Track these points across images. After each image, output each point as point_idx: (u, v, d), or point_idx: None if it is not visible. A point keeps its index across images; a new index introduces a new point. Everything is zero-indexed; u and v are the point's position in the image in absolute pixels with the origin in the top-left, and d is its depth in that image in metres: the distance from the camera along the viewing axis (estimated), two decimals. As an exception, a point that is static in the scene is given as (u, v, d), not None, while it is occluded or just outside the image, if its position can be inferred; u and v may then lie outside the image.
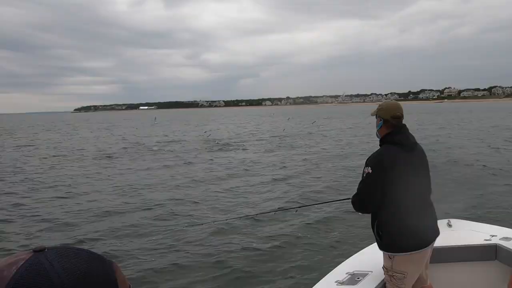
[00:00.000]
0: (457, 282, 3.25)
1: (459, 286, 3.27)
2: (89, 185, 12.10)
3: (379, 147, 2.65)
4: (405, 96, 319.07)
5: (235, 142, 24.62)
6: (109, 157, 18.98)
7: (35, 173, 14.79)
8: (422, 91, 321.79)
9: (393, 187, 2.46)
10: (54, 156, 20.15)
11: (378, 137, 2.68)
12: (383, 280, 2.71)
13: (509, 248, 3.12)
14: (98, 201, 9.83)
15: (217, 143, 24.07)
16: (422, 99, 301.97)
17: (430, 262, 2.78)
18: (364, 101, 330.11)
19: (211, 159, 17.12)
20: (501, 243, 3.21)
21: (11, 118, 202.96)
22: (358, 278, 2.87)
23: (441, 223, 3.31)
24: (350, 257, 3.33)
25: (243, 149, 21.17)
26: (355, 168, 12.43)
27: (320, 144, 22.55)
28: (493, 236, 3.36)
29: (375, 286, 2.76)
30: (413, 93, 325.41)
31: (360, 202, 2.61)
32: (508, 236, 3.33)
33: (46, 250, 0.65)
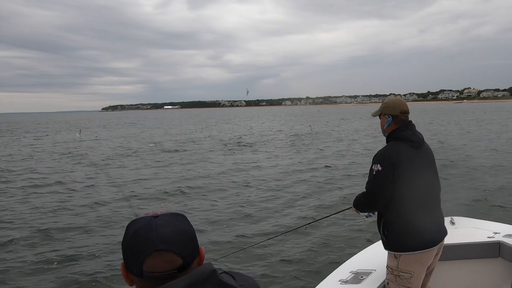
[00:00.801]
0: (461, 280, 3.19)
1: (463, 284, 3.20)
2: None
3: (385, 144, 2.60)
4: (424, 97, 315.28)
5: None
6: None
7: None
8: (442, 91, 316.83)
9: (401, 185, 2.39)
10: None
11: (384, 135, 2.63)
12: (386, 279, 2.62)
13: None
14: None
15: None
16: (441, 99, 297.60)
17: None
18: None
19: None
20: (504, 240, 3.14)
21: (46, 116, 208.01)
22: (361, 277, 2.82)
23: (445, 221, 3.22)
24: (354, 256, 3.28)
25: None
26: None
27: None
28: (496, 233, 3.29)
29: (378, 284, 2.70)
30: (432, 93, 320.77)
31: (369, 201, 2.53)
32: None
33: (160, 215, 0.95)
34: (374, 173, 2.44)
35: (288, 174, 13.06)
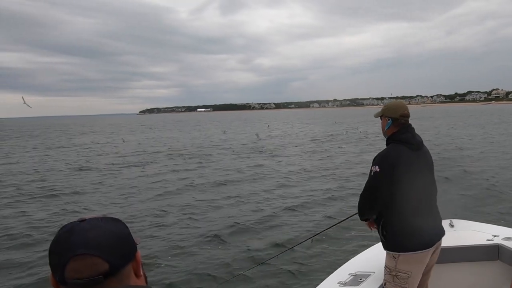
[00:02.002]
0: (460, 282, 3.16)
1: (462, 286, 3.17)
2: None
3: (385, 146, 2.55)
4: (451, 98, 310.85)
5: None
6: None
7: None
8: (469, 92, 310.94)
9: (400, 186, 2.37)
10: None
11: (385, 136, 2.62)
12: (384, 279, 2.56)
13: None
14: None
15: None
16: (468, 100, 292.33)
17: None
18: (409, 103, 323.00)
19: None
20: (503, 243, 3.11)
21: (87, 119, 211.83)
22: (360, 279, 2.79)
23: (443, 223, 3.06)
24: (353, 258, 3.23)
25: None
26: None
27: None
28: (495, 236, 3.26)
29: (377, 286, 2.67)
30: (460, 95, 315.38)
31: (368, 202, 2.51)
32: (511, 236, 3.22)
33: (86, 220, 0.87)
34: (372, 174, 2.43)
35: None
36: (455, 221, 3.68)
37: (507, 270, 3.10)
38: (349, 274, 2.88)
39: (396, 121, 2.54)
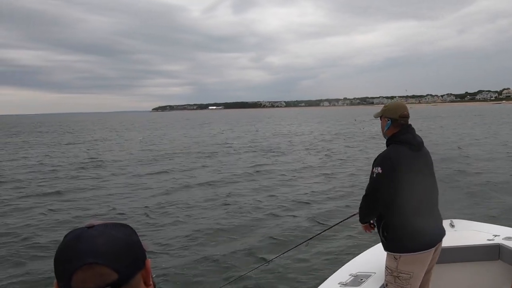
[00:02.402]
0: (460, 282, 3.15)
1: (462, 286, 3.16)
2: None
3: (386, 147, 2.55)
4: (461, 97, 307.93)
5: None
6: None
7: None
8: (480, 92, 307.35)
9: (401, 187, 2.36)
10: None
11: (385, 137, 2.61)
12: (385, 281, 2.55)
13: None
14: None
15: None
16: (479, 100, 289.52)
17: None
18: (419, 102, 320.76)
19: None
20: (504, 243, 3.09)
21: (101, 116, 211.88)
22: (361, 280, 2.77)
23: (444, 223, 3.08)
24: (353, 259, 3.22)
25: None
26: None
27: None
28: (496, 236, 3.24)
29: (378, 287, 2.66)
30: (470, 94, 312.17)
31: (370, 204, 2.50)
32: (511, 236, 3.20)
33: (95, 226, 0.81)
34: (374, 175, 2.41)
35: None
36: (455, 221, 3.66)
37: (508, 269, 3.05)
38: (349, 275, 2.85)
39: (396, 122, 2.54)
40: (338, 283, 2.74)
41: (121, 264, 0.79)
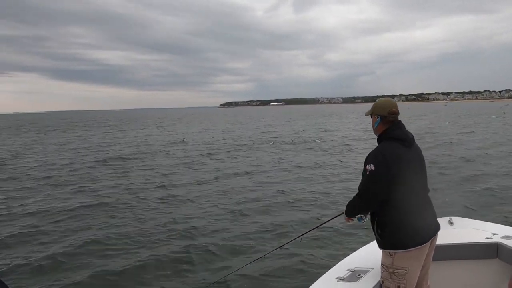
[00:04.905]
0: (458, 280, 3.11)
1: (460, 284, 3.11)
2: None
3: (377, 145, 2.50)
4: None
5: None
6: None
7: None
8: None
9: (395, 183, 2.31)
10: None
11: (376, 134, 2.57)
12: (381, 277, 2.51)
13: (510, 247, 2.96)
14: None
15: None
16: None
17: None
18: (476, 98, 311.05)
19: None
20: (502, 242, 3.04)
21: (177, 112, 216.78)
22: (359, 275, 2.72)
23: (443, 221, 3.09)
24: (351, 254, 3.16)
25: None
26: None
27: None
28: (494, 234, 3.18)
29: (376, 282, 2.59)
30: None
31: (364, 201, 2.43)
32: (509, 235, 3.15)
33: None
34: (367, 173, 2.34)
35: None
36: (454, 219, 3.59)
37: (506, 268, 2.99)
38: (347, 270, 2.79)
39: (385, 119, 2.49)
40: (336, 278, 2.68)
41: None
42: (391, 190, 2.31)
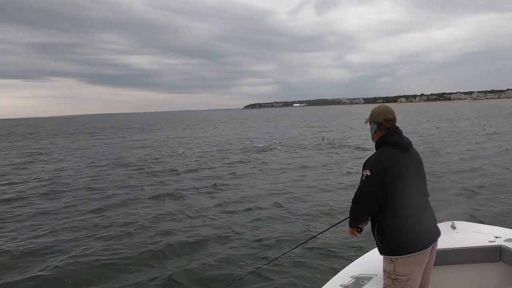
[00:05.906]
0: (462, 284, 3.07)
1: None
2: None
3: (375, 151, 2.53)
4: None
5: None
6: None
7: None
8: None
9: (393, 189, 2.33)
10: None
11: (373, 141, 2.60)
12: (384, 284, 2.49)
13: None
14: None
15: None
16: None
17: (434, 265, 2.61)
18: (499, 97, 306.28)
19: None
20: (505, 245, 3.02)
21: (205, 113, 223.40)
22: (363, 282, 2.71)
23: (445, 225, 3.10)
24: (355, 261, 3.14)
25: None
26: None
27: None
28: (497, 237, 3.16)
29: None
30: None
31: (362, 207, 2.45)
32: None
33: None
34: (363, 178, 2.38)
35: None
36: (457, 223, 3.56)
37: (510, 271, 2.97)
38: (351, 277, 2.78)
39: (381, 126, 2.52)
40: (340, 285, 2.66)
41: None
42: (389, 194, 2.34)
